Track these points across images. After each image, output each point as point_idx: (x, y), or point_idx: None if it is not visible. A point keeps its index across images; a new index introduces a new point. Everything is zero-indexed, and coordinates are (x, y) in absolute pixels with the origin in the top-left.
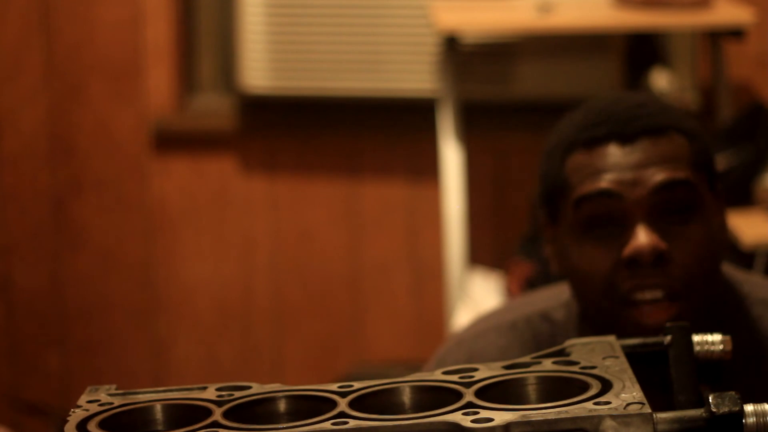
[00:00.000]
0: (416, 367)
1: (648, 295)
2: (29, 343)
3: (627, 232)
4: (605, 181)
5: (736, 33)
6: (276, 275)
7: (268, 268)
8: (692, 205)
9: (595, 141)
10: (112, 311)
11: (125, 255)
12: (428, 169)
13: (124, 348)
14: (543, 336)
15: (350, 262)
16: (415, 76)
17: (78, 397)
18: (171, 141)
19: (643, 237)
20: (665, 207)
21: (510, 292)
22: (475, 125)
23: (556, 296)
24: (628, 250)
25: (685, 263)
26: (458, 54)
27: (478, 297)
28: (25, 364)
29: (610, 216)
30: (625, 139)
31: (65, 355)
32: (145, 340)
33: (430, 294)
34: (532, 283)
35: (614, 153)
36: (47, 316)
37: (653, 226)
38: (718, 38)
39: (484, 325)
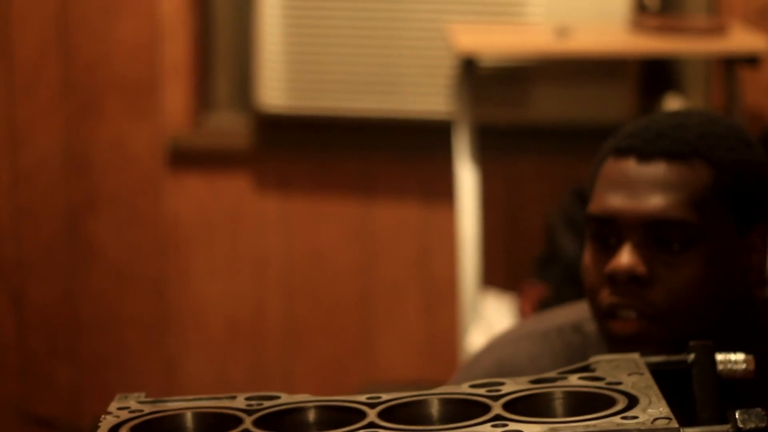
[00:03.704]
0: (427, 389)
1: (623, 312)
2: (41, 357)
3: (618, 249)
4: (610, 203)
5: (751, 60)
6: (288, 294)
7: (280, 287)
8: (687, 243)
9: (620, 152)
10: (124, 327)
11: (138, 271)
12: (442, 190)
13: (135, 364)
14: (574, 347)
15: (362, 282)
16: (431, 98)
17: (88, 412)
18: (186, 158)
19: (623, 257)
20: (659, 236)
21: (523, 314)
22: (489, 148)
23: (588, 309)
24: (608, 266)
25: (667, 291)
26: (475, 76)
27: (491, 318)
28: (36, 378)
29: (610, 232)
30: (642, 156)
31: (76, 370)
32: (156, 356)
33: (442, 315)
34: (545, 305)
35: (630, 169)
36: (59, 331)
37: (640, 249)
38: (732, 65)
39: (517, 332)
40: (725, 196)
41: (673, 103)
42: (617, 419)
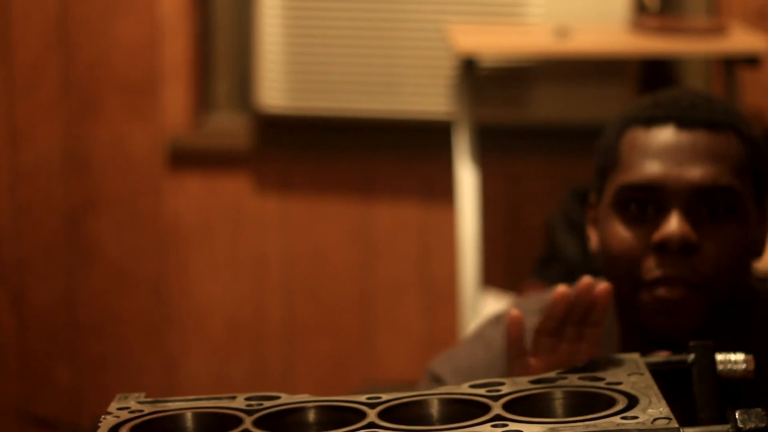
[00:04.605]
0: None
1: (670, 285)
2: (40, 357)
3: (661, 218)
4: (651, 170)
5: (751, 60)
6: (288, 294)
7: (280, 287)
8: (731, 209)
9: (654, 120)
10: (124, 327)
11: (138, 271)
12: (442, 190)
13: (135, 364)
14: None
15: (362, 282)
16: (431, 98)
17: (88, 412)
18: (186, 158)
19: (674, 224)
20: (704, 203)
21: None
22: (489, 148)
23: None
24: (658, 234)
25: (713, 259)
26: (475, 77)
27: None
28: (36, 378)
29: (649, 200)
30: (683, 124)
31: (76, 370)
32: (156, 356)
33: (442, 315)
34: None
35: (670, 136)
36: (59, 331)
37: (688, 217)
38: (732, 65)
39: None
40: (749, 170)
41: None
42: (617, 419)
